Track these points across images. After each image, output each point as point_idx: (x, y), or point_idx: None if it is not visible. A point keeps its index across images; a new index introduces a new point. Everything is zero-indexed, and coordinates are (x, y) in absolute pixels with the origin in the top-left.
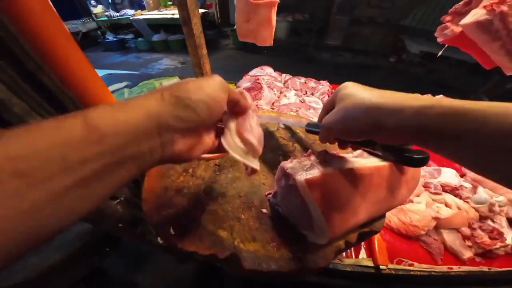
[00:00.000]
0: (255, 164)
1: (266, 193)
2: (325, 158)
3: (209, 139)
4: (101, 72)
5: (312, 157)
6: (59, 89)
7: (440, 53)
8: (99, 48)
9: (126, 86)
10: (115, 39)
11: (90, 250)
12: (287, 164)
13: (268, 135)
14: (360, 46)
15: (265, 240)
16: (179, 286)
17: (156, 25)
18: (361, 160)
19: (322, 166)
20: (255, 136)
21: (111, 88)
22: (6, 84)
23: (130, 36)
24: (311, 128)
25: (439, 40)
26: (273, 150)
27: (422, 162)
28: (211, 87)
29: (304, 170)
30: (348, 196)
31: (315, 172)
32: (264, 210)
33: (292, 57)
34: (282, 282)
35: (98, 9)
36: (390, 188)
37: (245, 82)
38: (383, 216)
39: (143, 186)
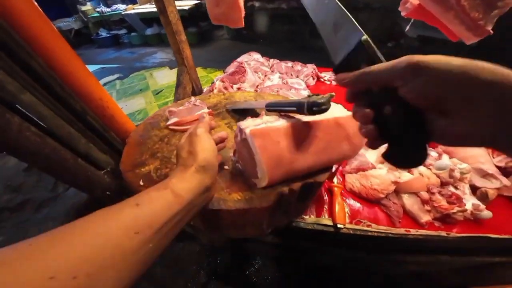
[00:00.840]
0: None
1: (231, 154)
2: (274, 118)
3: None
4: (94, 67)
5: (264, 117)
6: (45, 71)
7: (407, 27)
8: (92, 45)
9: (117, 78)
10: (108, 35)
11: None
12: (242, 122)
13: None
14: None
15: (220, 188)
16: (178, 264)
17: (149, 19)
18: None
19: (269, 122)
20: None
21: (104, 80)
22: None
23: (123, 31)
24: (270, 108)
25: (403, 14)
26: None
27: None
28: (208, 143)
29: (254, 125)
30: (287, 146)
31: (261, 126)
32: (226, 167)
33: (287, 45)
34: (249, 235)
35: (87, 7)
36: (329, 141)
37: (231, 68)
38: (327, 169)
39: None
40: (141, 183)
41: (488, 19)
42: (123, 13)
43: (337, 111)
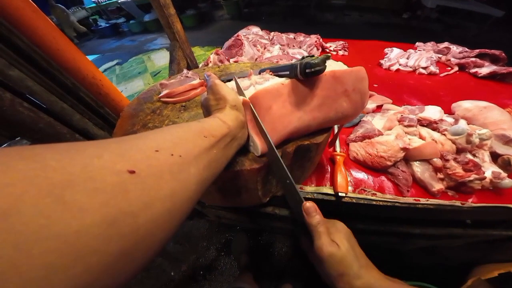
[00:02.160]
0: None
1: None
2: (263, 78)
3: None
4: (94, 56)
5: (252, 77)
6: (29, 47)
7: None
8: (93, 36)
9: (117, 64)
10: (107, 25)
11: None
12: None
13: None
14: (368, 3)
15: None
16: (189, 240)
17: (146, 5)
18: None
19: (258, 84)
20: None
21: (104, 66)
22: None
23: (122, 20)
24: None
25: None
26: None
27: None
28: (229, 89)
29: (242, 89)
30: (279, 109)
31: (251, 92)
32: None
33: (292, 21)
34: (247, 204)
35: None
36: (325, 98)
37: (229, 43)
38: (325, 130)
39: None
40: None
41: None
42: (119, 1)
43: (335, 66)
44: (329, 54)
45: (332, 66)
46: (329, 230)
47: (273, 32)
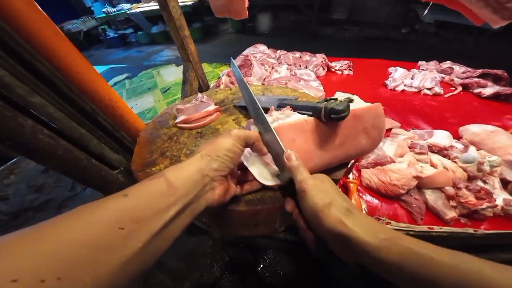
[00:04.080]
0: (276, 181)
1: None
2: (285, 114)
3: (234, 185)
4: (103, 67)
5: (273, 113)
6: (51, 72)
7: (425, 12)
8: (102, 45)
9: (127, 78)
10: (116, 35)
11: None
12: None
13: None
14: (367, 18)
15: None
16: (192, 257)
17: (154, 17)
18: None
19: (281, 120)
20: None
21: (114, 80)
22: (7, 70)
23: (129, 30)
24: (280, 107)
25: None
26: None
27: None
28: (229, 143)
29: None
30: (301, 144)
31: (274, 125)
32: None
33: (294, 35)
34: (262, 234)
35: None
36: (346, 136)
37: (237, 62)
38: (343, 165)
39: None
40: None
41: None
42: (128, 12)
43: (354, 103)
44: (352, 98)
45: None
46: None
47: (279, 51)
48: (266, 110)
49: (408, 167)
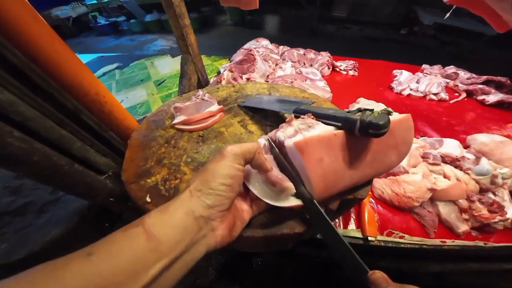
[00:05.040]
0: (294, 201)
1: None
2: (306, 124)
3: (246, 209)
4: (91, 56)
5: (294, 123)
6: (23, 62)
7: (447, 15)
8: (91, 33)
9: (117, 68)
10: (107, 22)
11: (88, 225)
12: (277, 133)
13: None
14: (368, 17)
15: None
16: None
17: (148, 5)
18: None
19: (304, 131)
20: (280, 176)
21: (102, 70)
22: None
23: (122, 18)
24: (298, 113)
25: (445, 0)
26: (261, 120)
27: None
28: (225, 167)
29: (287, 136)
30: (331, 161)
31: (298, 139)
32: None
33: (294, 31)
34: (273, 251)
35: None
36: (378, 152)
37: (238, 56)
38: (368, 182)
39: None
40: (148, 199)
41: None
42: None
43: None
44: (391, 110)
45: None
46: None
47: (282, 46)
48: (277, 113)
49: (422, 179)
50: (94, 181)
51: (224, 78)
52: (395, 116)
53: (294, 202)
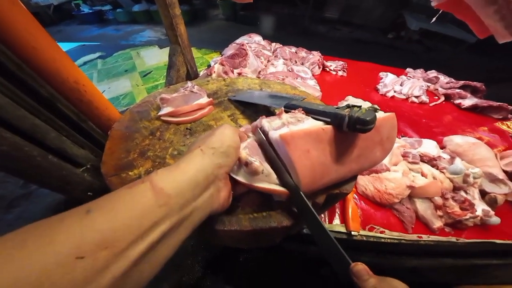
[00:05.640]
0: (269, 185)
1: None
2: (295, 118)
3: (230, 186)
4: (72, 44)
5: (283, 116)
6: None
7: (433, 19)
8: (73, 21)
9: (99, 57)
10: (91, 11)
11: None
12: (264, 122)
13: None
14: (359, 20)
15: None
16: (172, 258)
17: None
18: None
19: (292, 124)
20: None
21: (83, 59)
22: None
23: (107, 7)
24: (289, 108)
25: (433, 4)
26: (252, 115)
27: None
28: (232, 133)
29: (273, 128)
30: (318, 154)
31: (284, 131)
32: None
33: (286, 29)
34: (259, 246)
35: None
36: (364, 148)
37: (230, 50)
38: (353, 178)
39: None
40: None
41: None
42: None
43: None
44: (377, 107)
45: None
46: None
47: (274, 43)
48: (268, 108)
49: (402, 177)
50: (71, 174)
51: (214, 71)
52: (380, 114)
53: (269, 186)
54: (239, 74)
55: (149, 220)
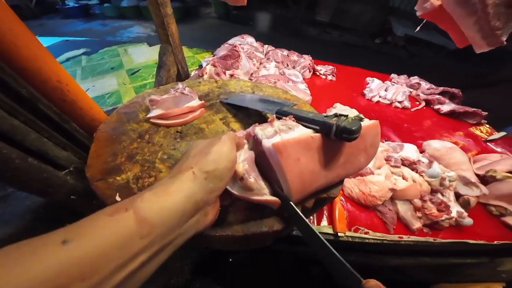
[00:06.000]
0: (265, 196)
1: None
2: (286, 126)
3: (218, 205)
4: (54, 39)
5: (275, 124)
6: None
7: (418, 28)
8: (57, 15)
9: (84, 53)
10: (76, 5)
11: (44, 224)
12: (257, 130)
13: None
14: (348, 24)
15: (221, 205)
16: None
17: None
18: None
19: (283, 132)
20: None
21: (66, 55)
22: None
23: (94, 1)
24: (281, 114)
25: (418, 13)
26: (244, 118)
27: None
28: (227, 150)
29: (266, 136)
30: (307, 162)
31: (277, 140)
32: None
33: (278, 30)
34: (250, 249)
35: None
36: (350, 155)
37: (222, 50)
38: (340, 182)
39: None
40: (118, 198)
41: (506, 29)
42: None
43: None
44: (362, 117)
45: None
46: None
47: (267, 45)
48: (260, 112)
49: (385, 180)
50: (52, 177)
51: (206, 73)
52: (365, 122)
53: (262, 197)
54: (231, 75)
55: (130, 251)
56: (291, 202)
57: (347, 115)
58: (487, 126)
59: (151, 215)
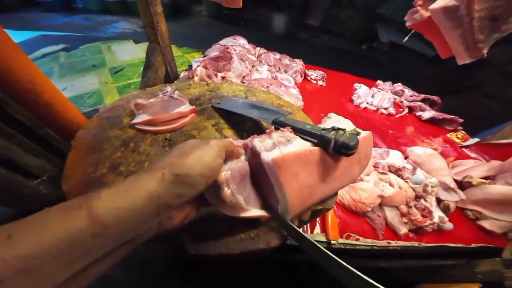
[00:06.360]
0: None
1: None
2: (284, 138)
3: (189, 211)
4: (31, 33)
5: (273, 136)
6: None
7: (406, 38)
8: (36, 8)
9: (63, 49)
10: None
11: None
12: (255, 142)
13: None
14: (337, 29)
15: (216, 220)
16: (146, 266)
17: None
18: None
19: (282, 145)
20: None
21: (42, 51)
22: None
23: None
24: (278, 125)
25: (407, 24)
26: (238, 125)
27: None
28: (210, 158)
29: (265, 149)
30: (306, 176)
31: (276, 154)
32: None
33: (270, 32)
34: (243, 260)
35: None
36: (345, 167)
37: (214, 51)
38: (335, 194)
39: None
40: None
41: (487, 42)
42: None
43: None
44: (359, 131)
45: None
46: None
47: (259, 48)
48: (253, 119)
49: (374, 187)
50: (22, 187)
51: (197, 74)
52: (361, 135)
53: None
54: (223, 78)
55: (80, 248)
56: (288, 221)
57: (345, 129)
58: (463, 132)
59: (106, 214)
